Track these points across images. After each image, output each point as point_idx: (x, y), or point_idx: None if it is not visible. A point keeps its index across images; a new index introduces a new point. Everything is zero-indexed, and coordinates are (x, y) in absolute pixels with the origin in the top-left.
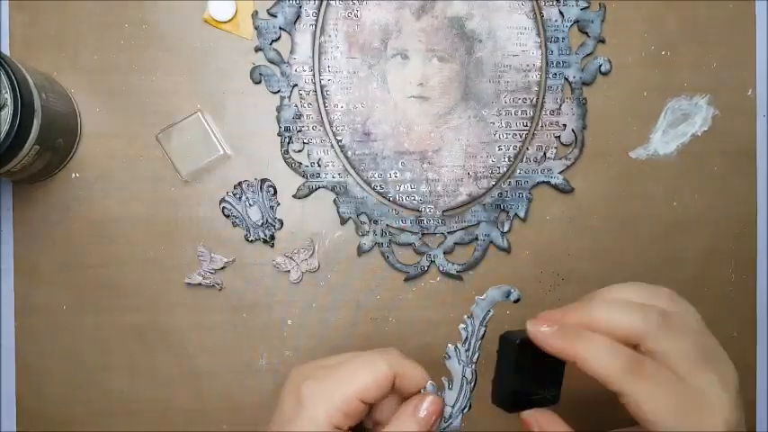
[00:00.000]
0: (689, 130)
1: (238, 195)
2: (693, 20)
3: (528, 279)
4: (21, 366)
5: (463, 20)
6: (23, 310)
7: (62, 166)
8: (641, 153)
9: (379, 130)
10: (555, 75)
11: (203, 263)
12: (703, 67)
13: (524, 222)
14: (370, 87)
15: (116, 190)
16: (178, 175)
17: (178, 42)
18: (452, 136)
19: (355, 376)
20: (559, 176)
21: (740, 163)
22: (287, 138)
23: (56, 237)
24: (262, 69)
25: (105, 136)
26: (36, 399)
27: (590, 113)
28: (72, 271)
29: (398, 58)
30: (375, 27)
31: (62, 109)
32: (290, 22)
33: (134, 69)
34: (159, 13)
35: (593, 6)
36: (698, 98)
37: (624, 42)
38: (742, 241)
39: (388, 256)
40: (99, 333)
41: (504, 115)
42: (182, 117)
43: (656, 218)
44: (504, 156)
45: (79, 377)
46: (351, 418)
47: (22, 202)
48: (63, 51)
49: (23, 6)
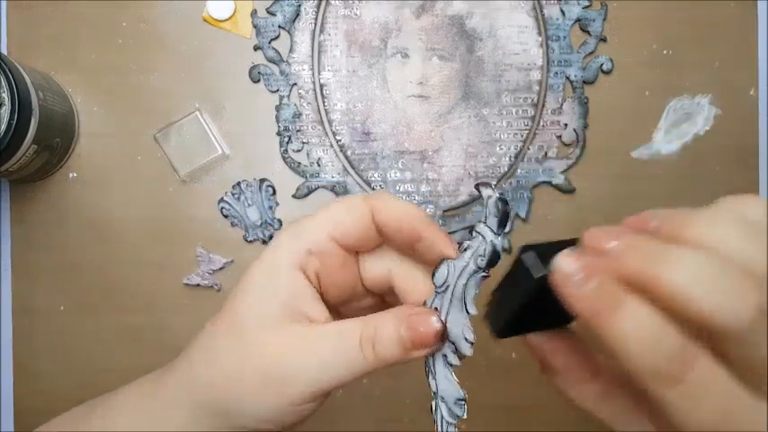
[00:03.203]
0: (691, 129)
1: (237, 195)
2: (695, 19)
3: None
4: (18, 367)
5: (464, 18)
6: (21, 311)
7: (60, 166)
8: (643, 153)
9: (378, 130)
10: (556, 74)
11: (202, 263)
12: (705, 67)
13: (525, 222)
14: (369, 86)
15: (114, 190)
16: (176, 174)
17: (176, 41)
18: (453, 135)
19: (326, 212)
20: (561, 176)
21: (742, 163)
22: (286, 137)
23: (53, 237)
24: (261, 68)
25: (103, 135)
26: (34, 400)
27: (591, 113)
28: (69, 271)
29: (398, 57)
30: (375, 26)
31: (60, 108)
32: (290, 20)
33: (132, 68)
34: (157, 12)
35: (595, 5)
36: (700, 98)
37: (626, 41)
38: None
39: None
40: (97, 334)
41: (505, 114)
42: (180, 116)
43: None
44: (505, 155)
45: (77, 378)
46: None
47: (19, 201)
48: (61, 50)
49: (21, 6)
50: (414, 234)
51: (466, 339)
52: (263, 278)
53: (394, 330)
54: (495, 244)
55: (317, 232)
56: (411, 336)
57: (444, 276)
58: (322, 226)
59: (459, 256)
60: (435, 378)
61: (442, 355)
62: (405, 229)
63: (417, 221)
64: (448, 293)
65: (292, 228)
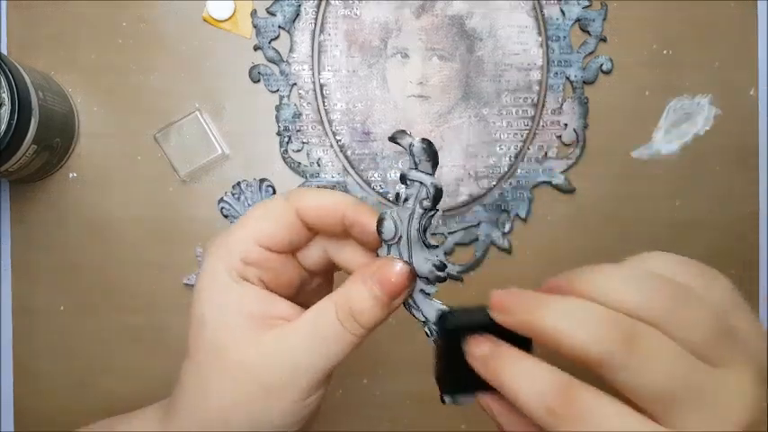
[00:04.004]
0: (691, 129)
1: (237, 195)
2: (695, 19)
3: (529, 280)
4: (18, 367)
5: (464, 18)
6: (21, 311)
7: (60, 166)
8: (643, 153)
9: (378, 130)
10: (556, 74)
11: (202, 263)
12: (705, 67)
13: (525, 223)
14: (369, 86)
15: (114, 190)
16: (176, 174)
17: (176, 41)
18: (453, 135)
19: (248, 221)
20: (561, 176)
21: (743, 162)
22: (286, 137)
23: (53, 237)
24: (260, 68)
25: (103, 135)
26: (34, 400)
27: (591, 113)
28: (69, 271)
29: (398, 57)
30: (375, 26)
31: (60, 108)
32: (290, 20)
33: (132, 68)
34: (157, 12)
35: (595, 5)
36: (700, 97)
37: (626, 41)
38: (745, 241)
39: None
40: (97, 334)
41: (505, 114)
42: (180, 116)
43: (658, 218)
44: (505, 155)
45: (77, 378)
46: (259, 268)
47: (19, 201)
48: (61, 50)
49: (21, 6)
50: (343, 223)
51: (437, 267)
52: (216, 300)
53: (367, 293)
54: (435, 184)
55: (245, 243)
56: (385, 289)
57: (392, 229)
58: (248, 236)
59: (403, 206)
60: (420, 309)
61: (419, 291)
62: (332, 222)
63: (342, 210)
64: (403, 242)
65: (220, 244)
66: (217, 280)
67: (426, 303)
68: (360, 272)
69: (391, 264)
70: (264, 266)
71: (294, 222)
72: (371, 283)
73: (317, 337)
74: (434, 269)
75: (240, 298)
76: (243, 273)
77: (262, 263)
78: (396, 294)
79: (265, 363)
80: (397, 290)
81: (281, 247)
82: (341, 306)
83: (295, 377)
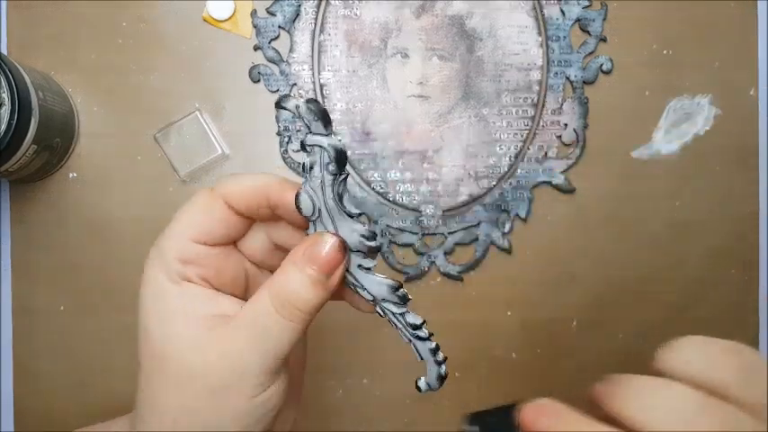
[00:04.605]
0: (691, 129)
1: None
2: (695, 19)
3: (529, 280)
4: (18, 367)
5: (464, 18)
6: (21, 311)
7: (60, 166)
8: (643, 153)
9: (378, 130)
10: (556, 74)
11: None
12: (705, 67)
13: (525, 223)
14: (369, 86)
15: (114, 190)
16: (176, 174)
17: (176, 41)
18: (453, 135)
19: (179, 218)
20: (561, 176)
21: (743, 162)
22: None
23: (53, 237)
24: (261, 68)
25: (103, 135)
26: (34, 400)
27: (591, 113)
28: (69, 271)
29: (398, 57)
30: (375, 26)
31: (60, 108)
32: (290, 20)
33: (132, 68)
34: (157, 12)
35: (595, 5)
36: (700, 97)
37: (626, 41)
38: (745, 241)
39: (388, 257)
40: (97, 334)
41: (505, 114)
42: (180, 116)
43: (658, 218)
44: (505, 155)
45: (77, 378)
46: (199, 265)
47: (19, 201)
48: (61, 50)
49: (21, 6)
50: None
51: (365, 237)
52: (156, 308)
53: (299, 275)
54: (333, 145)
55: (177, 242)
56: (319, 266)
57: (309, 203)
58: (179, 234)
59: (310, 177)
60: (365, 288)
61: (357, 266)
62: (259, 206)
63: (266, 191)
64: (324, 215)
65: (154, 249)
66: (155, 287)
67: (368, 279)
68: (289, 255)
69: (320, 238)
70: (204, 263)
71: (224, 212)
72: (302, 264)
73: (257, 331)
74: (363, 239)
75: (180, 301)
76: (183, 273)
77: (201, 259)
78: (330, 269)
79: (209, 365)
80: (330, 264)
81: (216, 239)
82: (275, 294)
83: (241, 376)
